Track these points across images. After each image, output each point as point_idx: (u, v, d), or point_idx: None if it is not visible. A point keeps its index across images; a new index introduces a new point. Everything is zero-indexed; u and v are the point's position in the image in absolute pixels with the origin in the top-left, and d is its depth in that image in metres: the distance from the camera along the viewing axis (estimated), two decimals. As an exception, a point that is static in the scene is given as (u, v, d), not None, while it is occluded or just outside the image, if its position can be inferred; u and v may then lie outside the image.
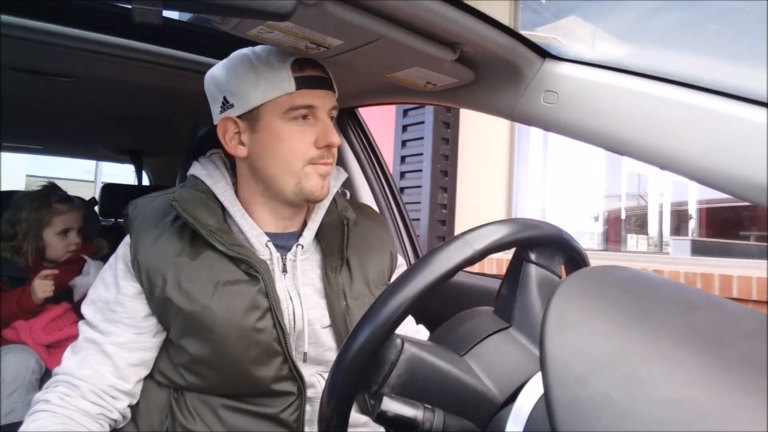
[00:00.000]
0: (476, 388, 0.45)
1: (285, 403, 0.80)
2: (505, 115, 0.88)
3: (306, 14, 0.63)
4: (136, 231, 0.81)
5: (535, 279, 0.52)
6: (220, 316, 0.75)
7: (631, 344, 0.30)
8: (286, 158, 0.79)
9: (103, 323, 0.79)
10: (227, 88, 0.79)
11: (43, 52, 1.03)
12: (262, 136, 0.79)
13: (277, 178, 0.80)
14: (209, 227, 0.78)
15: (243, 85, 0.77)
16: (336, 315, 0.83)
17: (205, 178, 0.84)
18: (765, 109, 0.61)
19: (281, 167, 0.79)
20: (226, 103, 0.80)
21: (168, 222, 0.81)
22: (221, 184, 0.84)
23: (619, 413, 0.26)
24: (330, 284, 0.84)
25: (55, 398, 0.74)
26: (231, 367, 0.77)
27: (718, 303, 0.35)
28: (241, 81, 0.78)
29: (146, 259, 0.78)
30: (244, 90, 0.77)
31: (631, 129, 0.71)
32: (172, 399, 0.81)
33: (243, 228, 0.82)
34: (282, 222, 0.86)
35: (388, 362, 0.45)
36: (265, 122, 0.78)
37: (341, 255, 0.86)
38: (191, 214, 0.77)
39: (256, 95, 0.77)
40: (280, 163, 0.79)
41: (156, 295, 0.77)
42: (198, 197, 0.81)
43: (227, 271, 0.78)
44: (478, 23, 0.71)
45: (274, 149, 0.79)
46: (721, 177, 0.63)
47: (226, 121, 0.80)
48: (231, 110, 0.79)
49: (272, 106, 0.78)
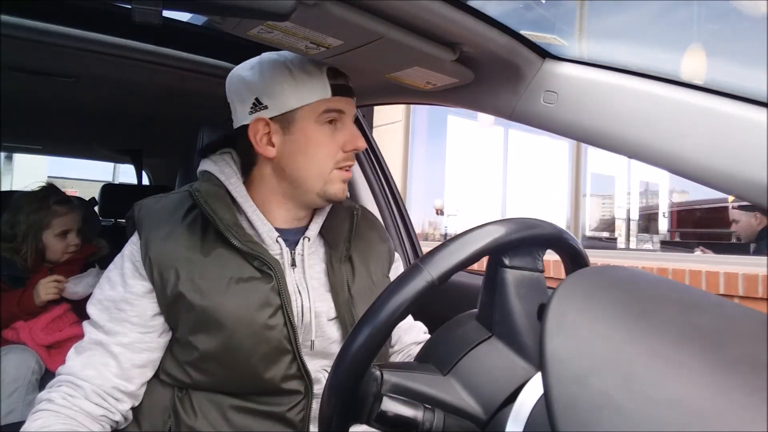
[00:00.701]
0: (460, 409, 0.45)
1: (292, 402, 0.80)
2: (505, 115, 0.88)
3: (306, 14, 0.63)
4: (146, 229, 0.81)
5: (513, 283, 0.50)
6: (232, 313, 0.76)
7: (631, 344, 0.30)
8: (316, 161, 0.83)
9: (109, 323, 0.78)
10: (261, 90, 0.82)
11: (43, 52, 1.03)
12: (295, 138, 0.82)
13: (306, 179, 0.83)
14: (226, 221, 0.79)
15: (280, 88, 0.80)
16: (341, 306, 0.84)
17: (218, 174, 0.86)
18: (765, 109, 0.61)
19: (312, 169, 0.83)
20: (258, 104, 0.82)
21: (179, 218, 0.82)
22: (233, 180, 0.86)
23: (619, 413, 0.26)
24: (335, 275, 0.86)
25: (58, 398, 0.73)
26: (240, 364, 0.77)
27: (718, 303, 0.35)
28: (278, 84, 0.81)
29: (158, 256, 0.78)
30: (281, 93, 0.80)
31: (631, 129, 0.71)
32: (176, 398, 0.81)
33: (254, 223, 0.84)
34: (294, 220, 0.88)
35: (370, 395, 0.45)
36: (301, 125, 0.82)
37: (347, 246, 0.89)
38: (211, 206, 0.79)
39: (292, 98, 0.81)
40: (310, 164, 0.83)
41: (168, 292, 0.77)
42: (216, 191, 0.83)
43: (240, 267, 0.79)
44: (478, 23, 0.71)
45: (307, 151, 0.82)
46: (721, 177, 0.63)
47: (259, 121, 0.82)
48: (264, 111, 0.82)
49: (308, 110, 0.81)
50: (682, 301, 0.35)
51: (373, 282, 0.90)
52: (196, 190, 0.80)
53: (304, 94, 0.80)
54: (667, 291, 0.36)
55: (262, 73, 0.82)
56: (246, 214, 0.84)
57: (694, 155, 0.65)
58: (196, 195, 0.80)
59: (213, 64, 1.13)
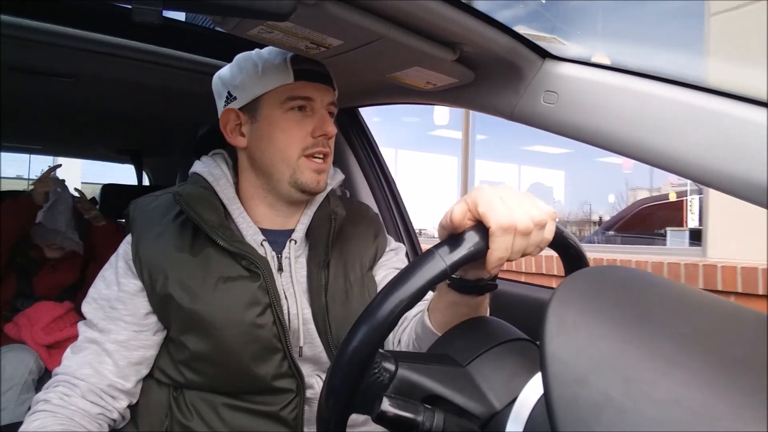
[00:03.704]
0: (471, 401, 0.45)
1: (285, 400, 0.80)
2: (505, 115, 0.88)
3: (306, 14, 0.63)
4: (137, 229, 0.82)
5: None
6: (220, 312, 0.76)
7: (631, 344, 0.30)
8: (281, 146, 0.81)
9: (103, 321, 0.79)
10: (232, 83, 0.84)
11: (43, 52, 1.03)
12: (260, 126, 0.83)
13: (274, 166, 0.82)
14: (211, 223, 0.79)
15: (246, 78, 0.82)
16: (316, 311, 0.83)
17: (207, 176, 0.86)
18: (765, 109, 0.61)
19: (276, 155, 0.82)
20: (229, 96, 0.84)
21: (170, 219, 0.83)
22: (222, 182, 0.86)
23: (619, 413, 0.26)
24: (312, 281, 0.84)
25: (55, 398, 0.73)
26: (231, 364, 0.77)
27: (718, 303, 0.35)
28: (245, 75, 0.82)
29: (148, 256, 0.79)
30: (246, 83, 0.82)
31: (631, 129, 0.71)
32: (172, 398, 0.81)
33: (240, 226, 0.84)
34: (280, 218, 0.87)
35: (381, 386, 0.45)
36: (265, 112, 0.82)
37: (326, 250, 0.86)
38: (194, 209, 0.79)
39: (256, 86, 0.81)
40: (275, 151, 0.82)
41: (157, 292, 0.77)
42: (201, 193, 0.82)
43: (228, 267, 0.79)
44: (478, 23, 0.71)
45: (271, 138, 0.82)
46: (721, 177, 0.63)
47: (229, 112, 0.84)
48: (233, 102, 0.84)
49: (271, 97, 0.82)
50: (681, 301, 0.35)
51: (350, 283, 0.87)
52: (178, 194, 0.80)
53: (266, 81, 0.81)
54: (667, 291, 0.36)
55: (233, 68, 0.85)
56: (232, 217, 0.84)
57: (694, 155, 0.65)
58: (177, 199, 0.80)
59: (213, 64, 1.12)
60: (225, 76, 0.86)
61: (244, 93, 0.82)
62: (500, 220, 0.48)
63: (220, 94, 0.87)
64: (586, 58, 0.78)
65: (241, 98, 0.83)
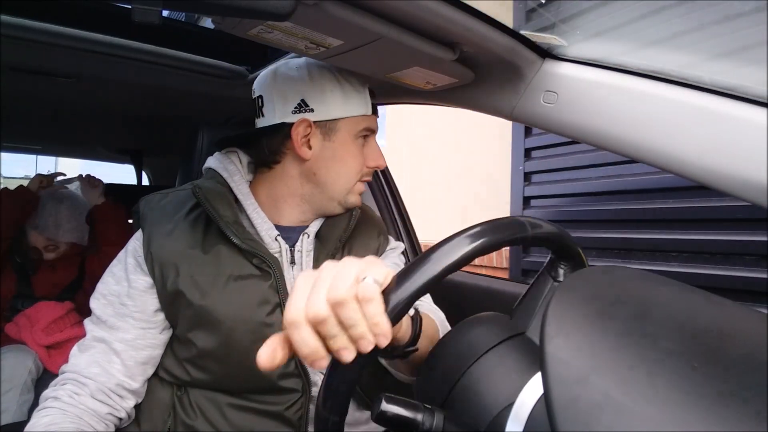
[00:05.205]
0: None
1: (290, 400, 0.80)
2: (505, 115, 0.88)
3: (306, 14, 0.63)
4: (148, 225, 0.82)
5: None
6: (229, 310, 0.76)
7: (630, 344, 0.30)
8: (347, 171, 0.87)
9: (112, 317, 0.79)
10: (309, 92, 0.84)
11: (43, 52, 1.03)
12: (334, 146, 0.86)
13: (334, 186, 0.87)
14: (226, 218, 0.80)
15: (329, 96, 0.84)
16: None
17: (222, 171, 0.87)
18: (765, 109, 0.61)
19: (341, 177, 0.87)
20: (305, 105, 0.84)
21: (182, 215, 0.83)
22: (236, 178, 0.87)
23: (619, 413, 0.26)
24: None
25: (65, 396, 0.74)
26: (238, 362, 0.77)
27: (718, 303, 0.35)
28: (328, 91, 0.84)
29: (159, 252, 0.79)
30: (330, 100, 0.84)
31: (631, 129, 0.71)
32: (175, 397, 0.81)
33: (254, 221, 0.84)
34: (302, 218, 0.89)
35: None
36: (342, 135, 0.86)
37: (337, 245, 0.88)
38: (211, 203, 0.80)
39: (340, 108, 0.85)
40: (341, 173, 0.87)
41: (168, 288, 0.78)
42: (218, 188, 0.84)
43: (239, 265, 0.79)
44: (478, 23, 0.71)
45: (342, 160, 0.86)
46: (721, 177, 0.63)
47: (303, 122, 0.84)
48: (309, 114, 0.84)
49: (352, 122, 0.86)
50: (681, 301, 0.35)
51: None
52: (198, 187, 0.81)
53: (350, 107, 0.85)
54: (667, 291, 0.36)
55: (311, 76, 0.85)
56: (246, 212, 0.84)
57: (694, 155, 0.65)
58: (197, 192, 0.81)
59: (213, 64, 1.12)
60: (298, 80, 0.84)
61: (325, 108, 0.84)
62: (286, 315, 0.41)
63: (286, 97, 0.84)
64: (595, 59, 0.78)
65: (319, 112, 0.84)
